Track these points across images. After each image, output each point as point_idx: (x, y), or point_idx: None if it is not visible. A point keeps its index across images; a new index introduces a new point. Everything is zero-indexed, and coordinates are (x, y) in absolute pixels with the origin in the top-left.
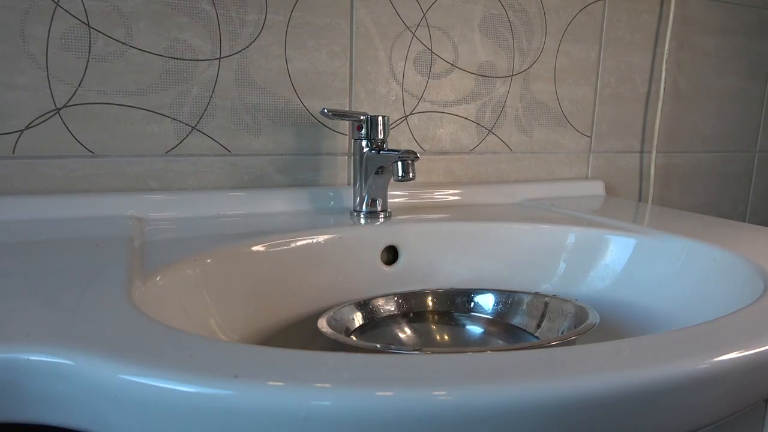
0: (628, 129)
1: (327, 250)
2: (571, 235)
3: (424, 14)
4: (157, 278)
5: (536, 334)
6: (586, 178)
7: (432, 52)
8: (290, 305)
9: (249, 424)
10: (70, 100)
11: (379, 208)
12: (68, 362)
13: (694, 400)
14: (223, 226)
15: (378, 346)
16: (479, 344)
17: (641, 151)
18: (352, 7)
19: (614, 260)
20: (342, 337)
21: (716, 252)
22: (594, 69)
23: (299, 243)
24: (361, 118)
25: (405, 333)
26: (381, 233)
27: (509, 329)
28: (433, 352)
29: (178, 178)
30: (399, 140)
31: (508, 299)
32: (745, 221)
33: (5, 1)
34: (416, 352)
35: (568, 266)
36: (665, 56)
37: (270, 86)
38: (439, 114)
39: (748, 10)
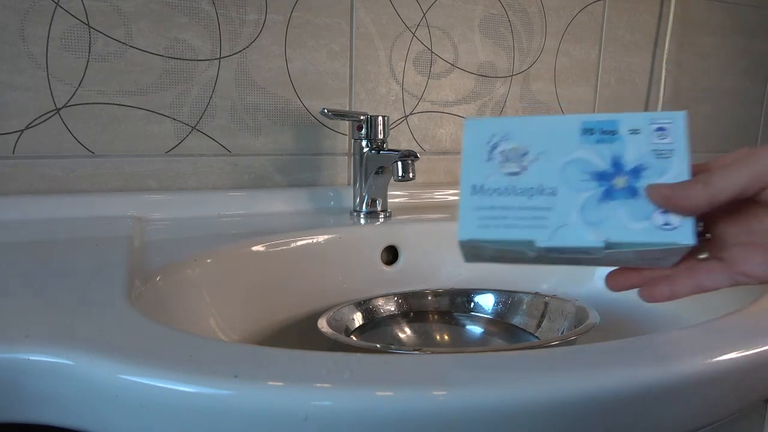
0: None
1: (327, 250)
2: None
3: (424, 14)
4: (157, 278)
5: (536, 334)
6: None
7: (432, 52)
8: (290, 305)
9: (249, 424)
10: (70, 100)
11: (379, 208)
12: (68, 362)
13: (694, 400)
14: (223, 226)
15: (378, 346)
16: (479, 344)
17: None
18: (352, 7)
19: None
20: (342, 337)
21: None
22: (594, 69)
23: (299, 243)
24: (361, 118)
25: (405, 333)
26: (381, 233)
27: (509, 329)
28: (433, 352)
29: (178, 178)
30: (399, 140)
31: (508, 299)
32: None
33: (5, 1)
34: (416, 352)
35: (568, 266)
36: (665, 56)
37: (270, 86)
38: (439, 114)
39: (748, 10)
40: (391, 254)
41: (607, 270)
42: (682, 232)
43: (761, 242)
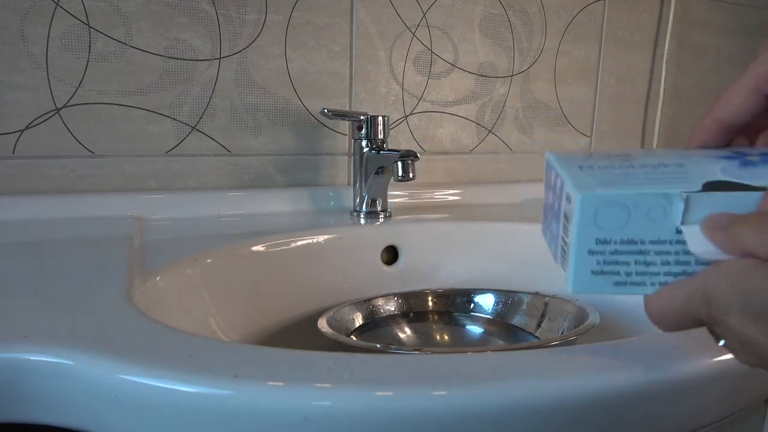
0: (628, 129)
1: (327, 250)
2: None
3: (424, 14)
4: (157, 278)
5: (536, 334)
6: None
7: (432, 52)
8: (290, 305)
9: (249, 424)
10: (70, 100)
11: (379, 208)
12: (68, 362)
13: (694, 400)
14: (223, 226)
15: (378, 346)
16: (479, 344)
17: None
18: (352, 7)
19: None
20: (342, 337)
21: None
22: (594, 69)
23: (299, 243)
24: (361, 118)
25: (405, 333)
26: (381, 233)
27: (509, 329)
28: (433, 352)
29: (178, 178)
30: (399, 140)
31: (508, 299)
32: None
33: (5, 1)
34: (416, 352)
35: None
36: (665, 56)
37: (270, 86)
38: (439, 114)
39: (748, 10)
40: (391, 254)
41: None
42: None
43: None
